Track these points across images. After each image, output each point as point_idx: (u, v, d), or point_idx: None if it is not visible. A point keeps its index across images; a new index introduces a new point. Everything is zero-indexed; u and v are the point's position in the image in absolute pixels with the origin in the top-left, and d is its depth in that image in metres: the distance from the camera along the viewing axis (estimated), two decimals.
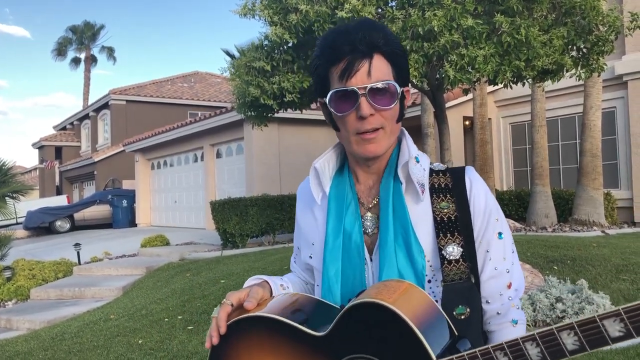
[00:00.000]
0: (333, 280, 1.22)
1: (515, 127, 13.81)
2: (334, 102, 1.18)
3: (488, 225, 1.22)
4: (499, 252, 1.23)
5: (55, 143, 30.31)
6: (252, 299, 1.18)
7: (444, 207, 1.20)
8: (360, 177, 1.28)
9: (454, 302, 1.15)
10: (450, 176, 1.25)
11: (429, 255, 1.19)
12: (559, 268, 6.13)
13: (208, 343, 1.18)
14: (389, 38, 1.18)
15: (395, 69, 1.19)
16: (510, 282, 1.24)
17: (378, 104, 1.15)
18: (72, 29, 36.86)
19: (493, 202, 1.24)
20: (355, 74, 1.14)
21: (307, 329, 1.09)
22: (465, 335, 1.06)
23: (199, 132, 15.22)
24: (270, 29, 5.40)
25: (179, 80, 28.99)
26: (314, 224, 1.32)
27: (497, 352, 0.90)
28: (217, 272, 8.08)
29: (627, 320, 0.79)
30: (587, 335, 0.83)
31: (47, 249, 13.94)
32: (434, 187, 1.23)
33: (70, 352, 5.34)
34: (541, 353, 0.86)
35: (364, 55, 1.15)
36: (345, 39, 1.16)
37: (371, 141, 1.17)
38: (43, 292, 8.45)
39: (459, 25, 5.01)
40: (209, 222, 15.14)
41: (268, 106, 6.10)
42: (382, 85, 1.15)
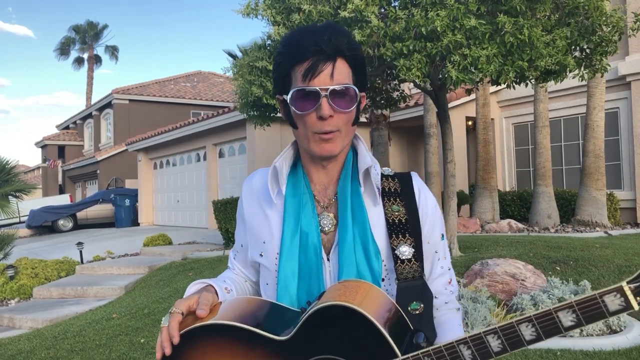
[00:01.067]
0: (290, 278, 1.24)
1: (518, 127, 13.79)
2: (295, 100, 1.20)
3: (434, 228, 1.32)
4: (442, 252, 1.35)
5: (58, 142, 30.36)
6: (204, 306, 1.16)
7: (395, 209, 1.26)
8: (314, 177, 1.31)
9: (408, 299, 1.20)
10: (399, 181, 1.32)
11: (384, 256, 1.24)
12: (562, 269, 6.12)
13: (159, 354, 1.16)
14: (352, 44, 1.22)
15: (355, 73, 1.23)
16: (450, 278, 1.36)
17: (338, 105, 1.19)
18: (75, 28, 36.92)
19: (437, 207, 1.35)
20: (319, 75, 1.17)
21: (268, 334, 1.09)
22: (419, 329, 1.12)
23: (201, 132, 15.24)
24: (273, 28, 5.40)
25: (182, 79, 29.03)
26: (264, 222, 1.32)
27: (461, 345, 0.96)
28: (219, 271, 8.07)
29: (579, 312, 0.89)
30: (543, 326, 0.90)
31: (49, 248, 13.96)
32: (385, 191, 1.29)
33: (73, 351, 5.35)
34: (502, 344, 0.93)
35: (328, 58, 1.18)
36: (311, 40, 1.19)
37: (328, 141, 1.21)
38: (46, 291, 8.47)
39: (462, 25, 5.00)
40: (211, 221, 15.16)
41: (271, 106, 6.10)
42: (343, 88, 1.19)
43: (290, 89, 1.21)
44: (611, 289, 0.88)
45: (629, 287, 0.88)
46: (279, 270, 1.25)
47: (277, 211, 1.30)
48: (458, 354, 0.96)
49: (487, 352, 0.94)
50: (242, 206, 1.40)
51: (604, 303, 0.87)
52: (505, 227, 10.26)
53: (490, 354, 0.94)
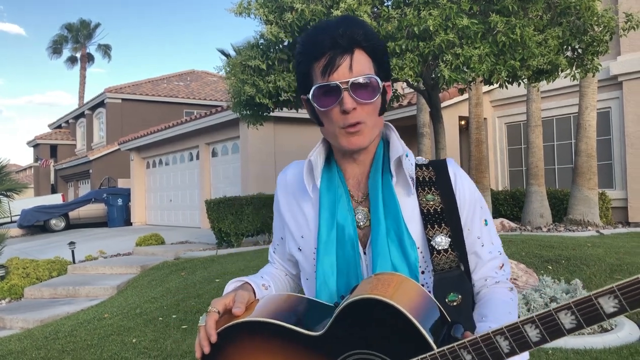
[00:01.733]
0: (329, 272, 1.23)
1: (511, 127, 13.83)
2: (317, 97, 1.20)
3: (474, 215, 1.28)
4: (488, 238, 1.30)
5: (51, 141, 30.20)
6: (240, 304, 1.17)
7: (429, 199, 1.24)
8: (348, 172, 1.30)
9: (445, 290, 1.18)
10: (433, 169, 1.29)
11: (421, 247, 1.22)
12: (554, 268, 6.14)
13: (198, 353, 1.16)
14: (369, 34, 1.20)
15: (376, 63, 1.22)
16: (502, 263, 1.32)
17: (360, 97, 1.17)
18: (67, 27, 36.75)
19: (477, 192, 1.31)
20: (337, 69, 1.16)
21: (302, 330, 1.09)
22: (458, 320, 1.08)
23: (194, 131, 15.19)
24: (266, 27, 5.39)
25: (175, 78, 28.93)
26: (301, 216, 1.32)
27: (498, 336, 0.93)
28: (212, 271, 8.06)
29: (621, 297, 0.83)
30: (583, 313, 0.86)
31: (41, 248, 13.89)
32: (419, 180, 1.26)
33: (64, 351, 5.32)
34: (540, 334, 0.89)
35: (344, 51, 1.17)
36: (326, 35, 1.18)
37: (355, 134, 1.19)
38: (37, 291, 8.42)
39: (455, 24, 5.01)
40: (204, 221, 15.12)
41: (263, 105, 6.09)
42: (364, 79, 1.17)
43: (311, 87, 1.21)
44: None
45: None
46: (317, 266, 1.25)
47: (313, 206, 1.30)
48: (495, 345, 0.93)
49: (525, 342, 0.91)
50: (277, 200, 1.41)
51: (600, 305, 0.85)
52: (498, 226, 10.28)
53: (529, 344, 0.91)
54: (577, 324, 0.87)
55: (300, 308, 1.19)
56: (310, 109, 1.26)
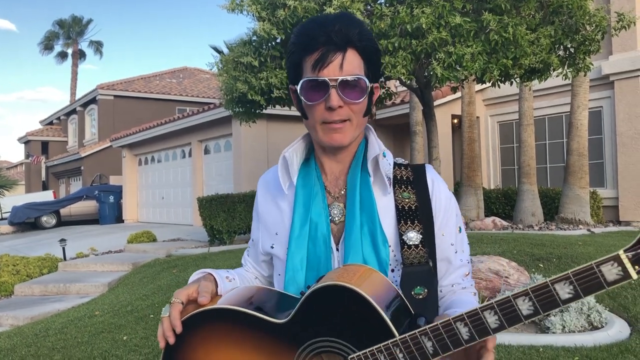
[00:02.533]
0: (298, 267, 1.24)
1: (503, 125, 13.87)
2: (305, 90, 1.20)
3: (449, 221, 1.30)
4: (460, 245, 1.33)
5: (42, 138, 30.01)
6: (205, 294, 1.18)
7: (405, 196, 1.26)
8: (326, 168, 1.32)
9: (412, 284, 1.19)
10: (412, 171, 1.31)
11: (393, 245, 1.23)
12: (545, 266, 6.16)
13: (162, 343, 1.18)
14: (364, 34, 1.21)
15: (367, 64, 1.23)
16: (468, 271, 1.36)
17: (347, 97, 1.18)
18: (59, 23, 36.53)
19: (453, 199, 1.34)
20: (328, 65, 1.17)
21: (267, 317, 1.10)
22: (422, 313, 1.09)
23: (187, 128, 15.14)
24: (258, 24, 5.38)
25: (168, 75, 28.80)
26: (277, 214, 1.34)
27: (458, 322, 0.94)
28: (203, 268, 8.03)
29: (576, 283, 0.86)
30: (540, 299, 0.88)
31: (32, 245, 13.81)
32: (397, 179, 1.29)
33: (54, 349, 5.28)
34: (499, 320, 0.91)
35: (338, 48, 1.17)
36: (321, 30, 1.19)
37: (337, 131, 1.21)
38: (27, 288, 8.37)
39: (447, 22, 5.01)
40: (196, 218, 15.07)
41: (256, 102, 6.07)
42: (353, 79, 1.18)
43: (301, 79, 1.22)
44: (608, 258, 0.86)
45: (627, 256, 0.86)
46: (287, 261, 1.26)
47: (289, 202, 1.31)
48: (455, 330, 0.95)
49: (484, 328, 0.93)
50: (257, 201, 1.43)
51: (601, 273, 0.85)
52: (489, 224, 10.31)
53: (488, 330, 0.93)
54: (534, 310, 0.89)
55: (266, 298, 1.21)
56: (297, 100, 1.27)
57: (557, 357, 3.90)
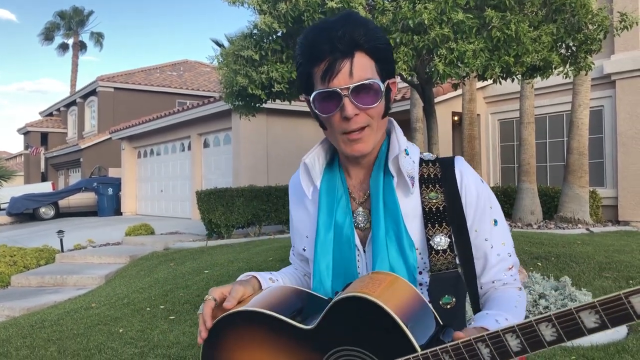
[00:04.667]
0: (324, 273, 1.23)
1: (504, 123, 13.84)
2: (318, 102, 1.17)
3: (483, 215, 1.23)
4: (498, 239, 1.24)
5: (41, 129, 29.94)
6: (231, 299, 1.17)
7: (432, 197, 1.20)
8: (351, 172, 1.29)
9: (440, 292, 1.16)
10: (440, 166, 1.25)
11: (420, 248, 1.20)
12: (543, 265, 6.15)
13: (200, 339, 1.19)
14: (371, 33, 1.16)
15: (379, 64, 1.18)
16: (512, 265, 1.27)
17: (362, 103, 1.14)
18: (60, 14, 36.40)
19: (485, 191, 1.25)
20: (337, 74, 1.13)
21: (295, 322, 1.09)
22: (450, 324, 1.06)
23: (186, 121, 15.10)
24: (259, 17, 5.33)
25: (168, 68, 28.72)
26: (306, 217, 1.33)
27: (479, 342, 0.91)
28: (201, 262, 8.02)
29: (602, 312, 0.82)
30: (564, 327, 0.85)
31: (30, 236, 13.78)
32: (423, 178, 1.23)
33: (49, 340, 5.27)
34: (521, 344, 0.88)
35: (344, 55, 1.13)
36: (325, 38, 1.14)
37: (358, 141, 1.17)
38: (24, 279, 8.35)
39: (450, 18, 4.98)
40: (194, 212, 15.04)
41: (256, 96, 6.03)
42: (365, 84, 1.13)
43: (313, 90, 1.18)
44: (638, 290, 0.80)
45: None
46: (314, 266, 1.26)
47: (315, 206, 1.30)
48: (476, 352, 0.92)
49: (505, 351, 0.90)
50: (290, 203, 1.43)
51: (631, 304, 0.80)
52: None
53: (510, 353, 0.90)
54: (557, 337, 0.86)
55: (297, 301, 1.20)
56: (313, 111, 1.22)
57: (553, 356, 3.89)
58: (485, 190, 1.25)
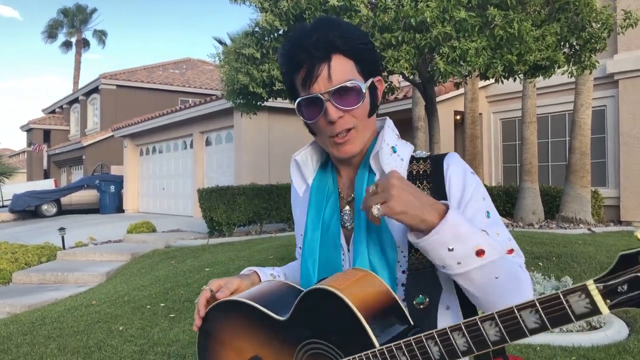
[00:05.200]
0: (311, 271, 1.23)
1: (506, 123, 13.81)
2: (303, 109, 1.18)
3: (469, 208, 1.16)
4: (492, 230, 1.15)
5: (44, 126, 29.99)
6: (225, 289, 1.21)
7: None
8: (341, 171, 1.30)
9: (416, 291, 1.13)
10: (431, 162, 1.22)
11: (402, 245, 1.17)
12: (544, 264, 6.13)
13: (194, 327, 1.25)
14: (347, 34, 1.16)
15: (359, 64, 1.18)
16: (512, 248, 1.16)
17: (344, 105, 1.14)
18: (63, 11, 36.44)
19: (473, 184, 1.19)
20: (317, 79, 1.14)
21: (272, 314, 1.12)
22: (422, 324, 1.04)
23: (188, 119, 15.10)
24: (261, 15, 5.32)
25: (171, 66, 28.73)
26: (301, 215, 1.34)
27: (429, 340, 0.92)
28: (202, 260, 8.02)
29: (542, 312, 0.79)
30: (507, 326, 0.84)
31: (32, 233, 13.80)
32: (412, 174, 1.21)
33: (50, 337, 5.27)
34: (467, 344, 0.88)
35: (321, 60, 1.13)
36: (300, 47, 1.15)
37: (345, 143, 1.18)
38: (25, 276, 8.35)
39: (452, 17, 4.96)
40: (196, 210, 15.04)
41: (257, 94, 6.02)
42: (345, 86, 1.14)
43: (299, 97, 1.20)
44: (575, 288, 0.76)
45: (597, 287, 0.75)
46: (301, 264, 1.27)
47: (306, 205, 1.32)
48: (426, 349, 0.92)
49: (453, 350, 0.89)
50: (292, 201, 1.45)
51: (569, 304, 0.77)
52: None
53: (457, 353, 0.89)
54: (500, 337, 0.85)
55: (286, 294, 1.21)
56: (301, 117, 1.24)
57: (554, 357, 3.88)
58: (474, 183, 1.19)
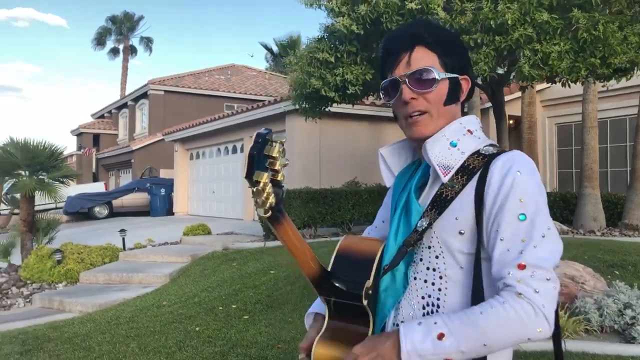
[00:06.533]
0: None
1: (561, 127, 13.52)
2: (384, 92, 1.34)
3: (503, 205, 1.16)
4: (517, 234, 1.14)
5: (93, 130, 30.80)
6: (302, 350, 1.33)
7: (449, 185, 1.23)
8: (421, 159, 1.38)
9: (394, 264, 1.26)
10: (488, 159, 1.23)
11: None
12: (621, 273, 5.96)
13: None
14: (433, 30, 1.29)
15: (443, 58, 1.29)
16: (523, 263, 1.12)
17: (417, 88, 1.26)
18: (111, 19, 37.43)
19: (517, 182, 1.16)
20: (398, 65, 1.29)
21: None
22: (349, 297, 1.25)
23: (239, 124, 15.27)
24: (337, 19, 5.34)
25: (216, 72, 29.16)
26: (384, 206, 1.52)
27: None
28: (264, 262, 8.07)
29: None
30: None
31: (86, 234, 14.16)
32: (462, 167, 1.25)
33: (128, 337, 5.39)
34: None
35: (405, 49, 1.28)
36: (391, 38, 1.34)
37: (417, 124, 1.27)
38: (92, 276, 8.57)
39: (533, 19, 4.88)
40: (246, 212, 15.20)
41: (327, 98, 6.04)
42: (419, 69, 1.26)
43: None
44: None
45: None
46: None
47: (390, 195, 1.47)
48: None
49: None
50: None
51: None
52: None
53: None
54: None
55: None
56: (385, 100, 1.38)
57: None
58: (515, 182, 1.16)
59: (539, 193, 1.18)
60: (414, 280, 1.27)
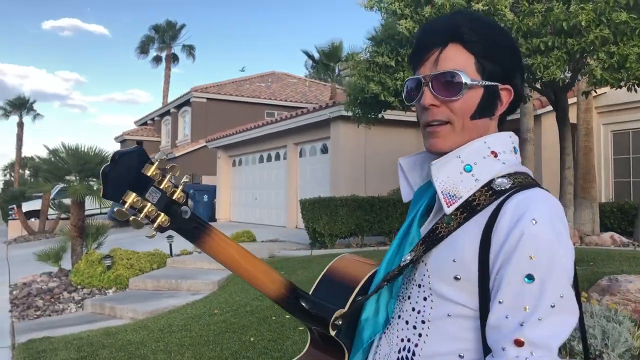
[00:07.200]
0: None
1: (618, 135, 13.00)
2: (406, 91, 1.13)
3: (508, 260, 0.94)
4: (519, 299, 0.93)
5: (137, 137, 31.35)
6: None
7: (445, 220, 1.04)
8: None
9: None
10: (497, 196, 1.01)
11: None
12: None
13: None
14: (476, 27, 1.07)
15: (482, 61, 1.06)
16: (520, 338, 0.92)
17: (441, 93, 1.05)
18: (154, 27, 38.16)
19: (529, 234, 0.93)
20: (424, 63, 1.08)
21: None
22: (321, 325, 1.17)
23: (283, 131, 15.24)
24: (400, 22, 5.17)
25: (257, 80, 29.38)
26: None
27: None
28: (312, 271, 7.92)
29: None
30: None
31: (131, 240, 14.29)
32: (467, 202, 1.03)
33: (182, 345, 5.30)
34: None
35: (435, 45, 1.07)
36: (424, 29, 1.12)
37: (434, 135, 1.08)
38: (141, 282, 8.58)
39: (610, 19, 4.61)
40: (290, 220, 15.12)
41: (385, 103, 5.87)
42: (445, 72, 1.04)
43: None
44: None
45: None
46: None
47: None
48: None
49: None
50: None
51: None
52: (607, 240, 9.62)
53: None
54: None
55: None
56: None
57: None
58: (533, 233, 0.93)
59: (557, 249, 0.94)
60: (398, 318, 1.11)
